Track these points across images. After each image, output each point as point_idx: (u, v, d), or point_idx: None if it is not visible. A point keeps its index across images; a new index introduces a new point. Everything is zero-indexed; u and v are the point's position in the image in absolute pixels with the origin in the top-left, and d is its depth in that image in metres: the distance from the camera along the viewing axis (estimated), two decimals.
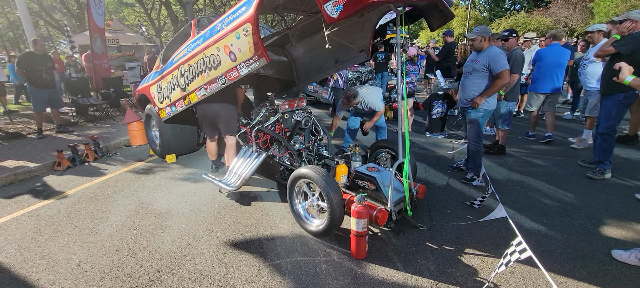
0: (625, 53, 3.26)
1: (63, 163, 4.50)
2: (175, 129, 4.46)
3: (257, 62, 2.71)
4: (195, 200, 3.47)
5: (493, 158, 4.54)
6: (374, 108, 4.16)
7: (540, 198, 3.37)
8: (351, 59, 3.89)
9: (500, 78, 3.38)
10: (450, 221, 2.95)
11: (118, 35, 13.79)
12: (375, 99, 4.14)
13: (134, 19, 24.18)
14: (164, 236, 2.81)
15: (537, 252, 2.46)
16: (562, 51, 4.94)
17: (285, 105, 3.51)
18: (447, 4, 2.55)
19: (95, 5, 7.84)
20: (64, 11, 18.54)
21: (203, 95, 3.32)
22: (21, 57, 5.82)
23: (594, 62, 4.57)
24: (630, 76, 2.22)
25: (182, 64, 3.47)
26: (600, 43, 4.42)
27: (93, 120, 7.13)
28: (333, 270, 2.34)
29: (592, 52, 4.57)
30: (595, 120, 4.56)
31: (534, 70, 5.12)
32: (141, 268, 2.40)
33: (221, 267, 2.40)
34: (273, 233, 2.82)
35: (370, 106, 4.15)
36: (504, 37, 4.24)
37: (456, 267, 2.35)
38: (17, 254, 2.61)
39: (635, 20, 3.25)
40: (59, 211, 3.31)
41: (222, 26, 2.97)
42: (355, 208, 2.32)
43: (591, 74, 4.69)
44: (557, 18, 24.64)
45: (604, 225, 2.85)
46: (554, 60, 4.87)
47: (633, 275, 2.22)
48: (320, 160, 3.60)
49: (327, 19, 2.15)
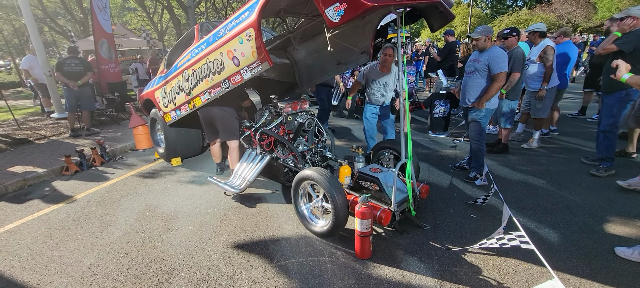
0: (627, 50, 3.27)
1: (71, 168, 4.58)
2: (180, 133, 4.53)
3: (260, 66, 2.76)
4: (201, 202, 3.53)
5: (496, 156, 4.55)
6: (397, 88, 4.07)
7: (543, 196, 3.38)
8: (353, 61, 3.92)
9: (497, 80, 3.42)
10: (453, 220, 2.98)
11: (121, 39, 13.94)
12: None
13: (137, 23, 24.38)
14: (172, 238, 2.87)
15: (541, 249, 2.48)
16: (573, 48, 5.02)
17: (289, 107, 3.56)
18: (447, 5, 2.58)
19: (101, 11, 7.91)
20: (67, 17, 18.74)
21: (207, 99, 3.38)
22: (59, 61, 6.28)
23: (535, 63, 4.65)
24: (627, 73, 2.24)
25: (186, 69, 3.52)
26: (541, 44, 4.53)
27: (99, 124, 7.22)
28: (338, 270, 2.38)
29: (535, 53, 4.63)
30: (537, 119, 4.79)
31: None
32: (150, 271, 2.45)
33: (228, 268, 2.44)
34: (278, 235, 2.87)
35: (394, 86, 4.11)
36: (504, 36, 4.25)
37: (460, 266, 2.38)
38: (30, 258, 2.67)
39: (636, 17, 3.25)
40: (69, 215, 3.38)
41: (225, 31, 3.02)
42: (359, 209, 2.36)
43: (533, 74, 4.73)
44: (560, 14, 24.50)
45: (608, 222, 2.86)
46: (564, 57, 4.94)
47: (636, 271, 2.24)
48: (324, 161, 3.64)
49: (328, 24, 2.19)
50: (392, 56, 3.87)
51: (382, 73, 4.03)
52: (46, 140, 6.16)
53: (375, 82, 4.09)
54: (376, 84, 4.10)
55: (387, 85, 4.07)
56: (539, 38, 4.68)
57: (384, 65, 3.96)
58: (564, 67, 4.99)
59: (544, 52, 4.46)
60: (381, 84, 4.08)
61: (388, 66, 3.97)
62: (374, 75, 4.09)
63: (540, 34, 4.69)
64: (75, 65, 6.15)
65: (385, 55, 3.89)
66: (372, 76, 4.11)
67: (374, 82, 4.09)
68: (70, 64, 6.13)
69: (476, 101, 3.58)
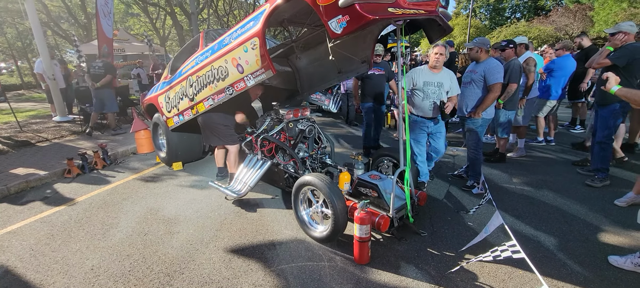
0: (621, 65, 3.36)
1: (73, 171, 4.63)
2: (182, 137, 4.59)
3: (263, 74, 2.83)
4: (202, 206, 3.57)
5: (494, 166, 4.61)
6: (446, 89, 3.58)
7: (539, 206, 3.44)
8: (353, 70, 4.01)
9: (492, 91, 3.52)
10: (450, 227, 3.03)
11: (124, 44, 14.07)
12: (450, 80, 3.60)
13: (140, 28, 24.62)
14: (173, 241, 2.90)
15: (535, 257, 2.54)
16: (572, 61, 5.16)
17: (290, 114, 3.63)
18: (445, 18, 2.67)
19: (105, 16, 8.05)
20: (71, 21, 18.93)
21: (210, 105, 3.45)
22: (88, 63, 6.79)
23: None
24: (616, 86, 2.32)
25: (190, 75, 3.60)
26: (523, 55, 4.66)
27: (100, 128, 7.28)
28: (337, 275, 2.42)
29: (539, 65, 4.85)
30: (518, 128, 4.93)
31: (547, 78, 5.24)
32: (152, 273, 2.49)
33: (229, 272, 2.48)
34: (278, 239, 2.91)
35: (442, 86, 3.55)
36: (501, 47, 4.36)
37: (456, 272, 2.42)
38: (32, 259, 2.71)
39: (627, 32, 3.35)
40: (71, 217, 3.41)
41: (230, 39, 3.11)
42: (358, 215, 2.41)
43: None
44: (558, 26, 24.81)
45: (602, 231, 2.91)
46: (566, 70, 5.11)
47: (629, 280, 2.28)
48: (324, 167, 3.70)
49: (331, 35, 2.27)
50: (444, 55, 3.51)
51: (434, 73, 3.57)
52: (48, 143, 6.21)
53: (428, 84, 3.55)
54: (429, 85, 3.54)
55: (441, 85, 3.55)
56: (524, 49, 4.82)
57: (436, 66, 3.53)
58: (561, 80, 5.11)
59: (526, 63, 4.59)
60: (435, 84, 3.54)
61: (440, 66, 3.56)
62: (425, 76, 3.57)
63: (526, 46, 4.87)
64: (98, 68, 6.57)
65: (436, 55, 3.47)
66: (423, 78, 3.57)
67: (427, 84, 3.55)
68: (95, 66, 6.61)
69: (472, 111, 3.67)
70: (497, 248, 2.04)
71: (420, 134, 3.67)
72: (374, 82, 4.90)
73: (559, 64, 5.12)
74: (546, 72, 5.29)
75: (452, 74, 3.62)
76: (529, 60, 4.61)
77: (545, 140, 5.54)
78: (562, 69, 5.09)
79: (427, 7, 2.45)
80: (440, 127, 3.70)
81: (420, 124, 3.65)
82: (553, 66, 5.18)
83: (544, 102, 5.27)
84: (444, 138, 3.79)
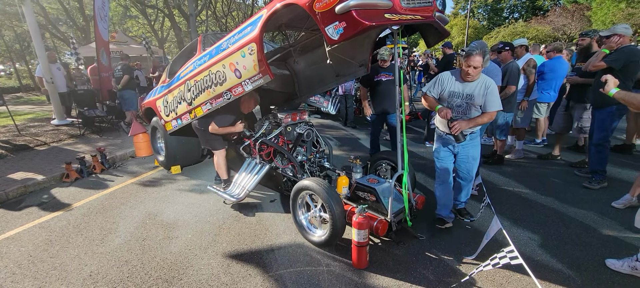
0: (617, 67, 3.38)
1: (71, 175, 4.62)
2: (180, 141, 4.59)
3: (261, 79, 2.84)
4: (200, 211, 3.57)
5: (491, 168, 4.63)
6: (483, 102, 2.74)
7: (537, 208, 3.45)
8: (351, 73, 4.01)
9: None
10: (448, 231, 3.03)
11: (122, 46, 14.05)
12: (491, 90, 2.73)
13: (138, 30, 24.58)
14: (171, 247, 2.90)
15: (533, 260, 2.56)
16: (564, 63, 5.15)
17: (288, 118, 3.63)
18: (442, 23, 2.68)
19: (102, 19, 8.05)
20: (69, 23, 18.90)
21: (208, 109, 3.45)
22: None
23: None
24: (614, 88, 2.33)
25: (188, 79, 3.61)
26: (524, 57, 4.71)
27: (99, 131, 7.27)
28: (335, 280, 2.42)
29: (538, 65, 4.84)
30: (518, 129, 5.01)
31: (540, 81, 5.25)
32: (150, 279, 2.49)
33: (227, 277, 2.48)
34: (276, 244, 2.91)
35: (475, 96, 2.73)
36: (498, 50, 4.37)
37: (454, 276, 2.43)
38: (31, 265, 2.70)
39: (622, 35, 3.37)
40: (69, 222, 3.41)
41: (228, 44, 3.11)
42: (356, 219, 2.42)
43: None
44: (555, 26, 24.90)
45: (599, 234, 2.92)
46: (558, 72, 5.08)
47: (625, 283, 2.29)
48: (322, 171, 3.70)
49: (328, 41, 2.28)
50: (479, 68, 2.66)
51: (464, 83, 2.76)
52: (46, 147, 6.20)
53: (454, 95, 2.80)
54: (455, 97, 2.80)
55: (471, 97, 2.74)
56: (524, 51, 4.84)
57: (468, 76, 2.69)
58: (552, 83, 5.08)
59: (526, 65, 4.60)
60: (462, 96, 2.78)
61: (474, 75, 2.69)
62: (453, 85, 2.80)
63: (526, 47, 4.89)
64: (118, 71, 7.18)
65: (468, 67, 2.64)
66: (450, 86, 2.81)
67: (453, 95, 2.80)
68: (117, 69, 7.20)
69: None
70: (496, 255, 2.04)
71: (443, 152, 3.02)
72: (383, 88, 4.42)
73: (550, 66, 5.11)
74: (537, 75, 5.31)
75: (492, 83, 2.74)
76: (529, 61, 4.63)
77: (542, 141, 5.56)
78: (554, 71, 5.05)
79: (423, 13, 2.46)
80: (469, 149, 2.96)
81: (443, 140, 3.01)
82: (544, 69, 5.18)
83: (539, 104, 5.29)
84: (473, 161, 3.01)
